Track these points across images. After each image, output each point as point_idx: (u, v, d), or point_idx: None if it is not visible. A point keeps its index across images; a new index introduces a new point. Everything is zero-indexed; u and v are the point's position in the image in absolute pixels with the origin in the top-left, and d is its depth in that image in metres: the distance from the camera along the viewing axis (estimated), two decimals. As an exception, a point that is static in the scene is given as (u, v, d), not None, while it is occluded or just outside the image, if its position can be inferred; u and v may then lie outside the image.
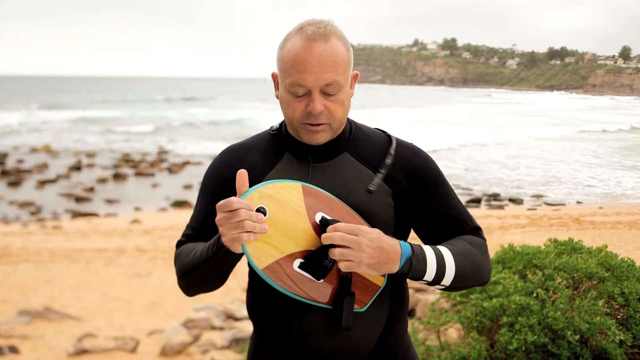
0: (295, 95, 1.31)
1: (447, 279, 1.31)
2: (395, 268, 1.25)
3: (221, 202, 1.19)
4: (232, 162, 1.45)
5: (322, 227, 1.27)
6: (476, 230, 1.43)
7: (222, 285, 1.42)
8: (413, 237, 1.50)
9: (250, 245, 1.23)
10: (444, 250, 1.32)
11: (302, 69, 1.27)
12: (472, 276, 1.36)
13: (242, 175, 1.23)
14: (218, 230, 1.28)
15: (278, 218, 1.26)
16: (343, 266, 1.22)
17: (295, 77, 1.29)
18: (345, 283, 1.30)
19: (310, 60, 1.27)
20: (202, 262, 1.32)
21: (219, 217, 1.20)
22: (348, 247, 1.21)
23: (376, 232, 1.24)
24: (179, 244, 1.48)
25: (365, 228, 1.23)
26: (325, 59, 1.27)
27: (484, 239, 1.43)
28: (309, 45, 1.28)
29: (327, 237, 1.23)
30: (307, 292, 1.28)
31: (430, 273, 1.28)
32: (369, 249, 1.21)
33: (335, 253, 1.22)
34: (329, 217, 1.29)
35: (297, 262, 1.27)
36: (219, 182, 1.45)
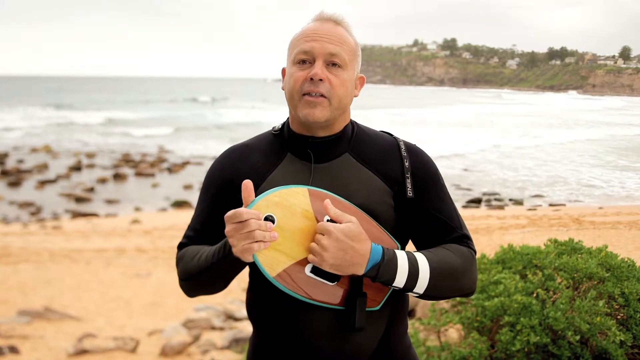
0: (300, 63, 1.35)
1: (420, 287, 1.30)
2: (360, 271, 1.26)
3: (230, 213, 1.20)
4: (233, 162, 1.45)
5: None
6: (464, 239, 1.40)
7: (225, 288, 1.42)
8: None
9: (261, 254, 1.23)
10: (420, 258, 1.31)
11: (309, 38, 1.35)
12: (449, 287, 1.34)
13: (247, 185, 1.23)
14: (219, 231, 1.28)
15: (287, 225, 1.26)
16: (310, 259, 1.25)
17: (302, 46, 1.35)
18: (357, 283, 1.31)
19: (318, 32, 1.36)
20: (208, 267, 1.32)
21: (228, 228, 1.20)
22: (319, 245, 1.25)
23: (347, 235, 1.23)
24: (181, 246, 1.48)
25: (336, 229, 1.23)
26: (333, 34, 1.36)
27: (472, 248, 1.40)
28: (320, 23, 1.38)
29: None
30: (320, 296, 1.29)
31: (400, 280, 1.28)
32: (332, 249, 1.22)
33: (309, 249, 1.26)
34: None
35: (309, 266, 1.28)
36: (220, 182, 1.45)
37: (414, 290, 1.30)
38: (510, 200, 11.35)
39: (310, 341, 1.35)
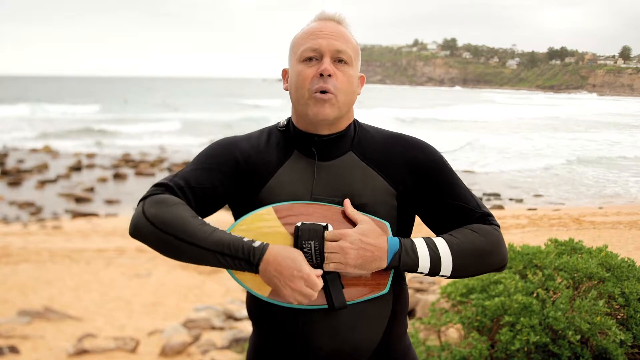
0: (307, 60, 1.37)
1: (446, 269, 1.33)
2: (383, 264, 1.30)
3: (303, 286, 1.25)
4: (246, 149, 1.43)
5: (296, 231, 1.30)
6: (485, 217, 1.41)
7: None
8: (418, 230, 1.49)
9: (248, 280, 1.30)
10: (438, 241, 1.34)
11: (315, 36, 1.37)
12: (476, 265, 1.36)
13: None
14: (205, 196, 1.35)
15: None
16: (332, 267, 1.28)
17: (309, 43, 1.37)
18: (329, 274, 1.32)
19: (323, 29, 1.38)
20: (213, 251, 1.26)
21: (301, 291, 1.25)
22: (335, 253, 1.28)
23: (362, 233, 1.28)
24: (165, 188, 1.35)
25: (347, 231, 1.28)
26: (337, 32, 1.39)
27: (494, 224, 1.40)
28: (323, 22, 1.41)
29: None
30: (314, 300, 1.31)
31: (424, 265, 1.31)
32: (352, 251, 1.27)
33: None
34: (308, 222, 1.32)
35: None
36: (228, 156, 1.41)
37: (441, 273, 1.34)
38: (510, 199, 11.35)
39: (310, 341, 1.35)
